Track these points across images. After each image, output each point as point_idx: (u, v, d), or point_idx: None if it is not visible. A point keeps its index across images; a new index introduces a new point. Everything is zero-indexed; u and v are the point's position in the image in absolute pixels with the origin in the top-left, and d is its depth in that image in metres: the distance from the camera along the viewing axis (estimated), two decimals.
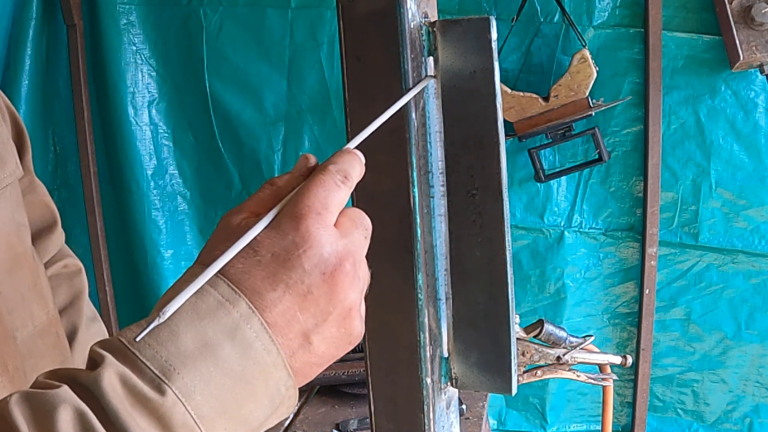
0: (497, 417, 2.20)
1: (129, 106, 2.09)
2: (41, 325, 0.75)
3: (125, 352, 0.44)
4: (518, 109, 1.83)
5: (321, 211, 0.48)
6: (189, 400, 0.44)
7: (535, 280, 2.06)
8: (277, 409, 0.48)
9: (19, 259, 0.73)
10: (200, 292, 0.46)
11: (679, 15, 1.83)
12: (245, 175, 2.15)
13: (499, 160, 0.61)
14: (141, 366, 0.44)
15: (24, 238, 0.76)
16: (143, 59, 2.08)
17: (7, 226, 0.71)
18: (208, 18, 2.03)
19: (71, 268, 0.95)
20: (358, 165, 0.52)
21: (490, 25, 0.59)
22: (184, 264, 2.22)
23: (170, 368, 0.44)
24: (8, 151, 0.77)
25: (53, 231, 0.92)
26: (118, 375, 0.43)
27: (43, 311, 0.77)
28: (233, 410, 0.46)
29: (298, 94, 2.06)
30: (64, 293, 0.92)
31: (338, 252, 0.48)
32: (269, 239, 0.47)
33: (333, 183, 0.50)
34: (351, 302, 0.49)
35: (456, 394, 0.70)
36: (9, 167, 0.75)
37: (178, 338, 0.44)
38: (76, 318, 0.92)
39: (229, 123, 2.10)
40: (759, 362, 2.01)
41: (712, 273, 1.98)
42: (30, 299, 0.73)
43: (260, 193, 0.51)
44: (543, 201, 2.00)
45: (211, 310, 0.46)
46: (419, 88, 0.59)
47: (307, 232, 0.47)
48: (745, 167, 1.88)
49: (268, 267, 0.47)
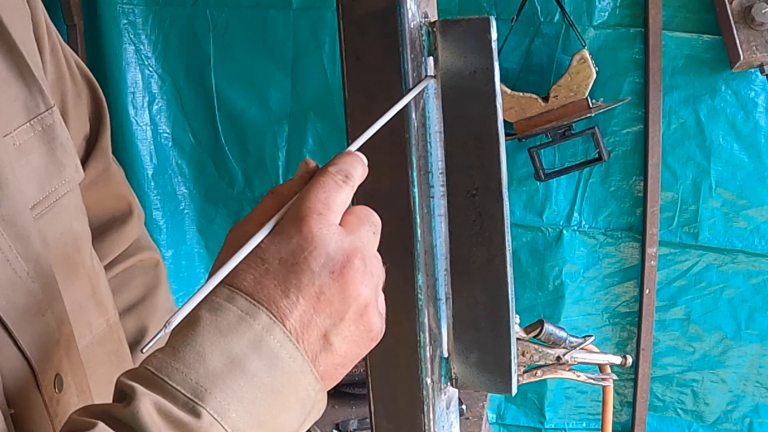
0: (496, 411, 2.21)
1: (129, 105, 2.09)
2: (100, 332, 0.72)
3: (154, 380, 0.44)
4: (518, 110, 1.83)
5: (323, 211, 0.48)
6: (225, 419, 0.44)
7: (533, 277, 2.07)
8: (309, 414, 0.48)
9: (77, 270, 0.70)
10: (219, 309, 0.46)
11: (679, 15, 1.83)
12: (249, 173, 2.16)
13: (499, 159, 0.61)
14: (172, 391, 0.43)
15: (82, 246, 0.72)
16: (143, 59, 2.09)
17: (65, 237, 0.68)
18: (215, 18, 2.04)
19: (148, 261, 0.90)
20: (360, 166, 0.52)
21: (490, 25, 0.59)
22: (184, 264, 2.22)
23: (202, 389, 0.44)
24: (67, 153, 0.68)
25: (127, 222, 0.87)
26: (153, 404, 0.43)
27: (102, 318, 0.74)
28: (268, 422, 0.45)
29: (302, 93, 2.07)
30: (136, 287, 0.88)
31: (345, 249, 0.48)
32: (274, 246, 0.47)
33: (333, 183, 0.49)
34: (365, 298, 0.49)
35: (456, 394, 0.70)
36: (68, 172, 0.68)
37: (205, 358, 0.44)
38: (146, 315, 0.88)
39: (234, 121, 2.11)
40: (759, 362, 2.01)
41: (712, 273, 1.97)
42: (88, 308, 0.70)
43: (263, 202, 0.51)
44: (542, 200, 2.00)
45: (232, 326, 0.45)
46: (419, 88, 0.59)
47: (309, 233, 0.47)
48: (745, 167, 1.88)
49: (277, 274, 0.47)
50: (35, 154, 0.64)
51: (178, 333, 0.46)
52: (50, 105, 0.66)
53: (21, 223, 0.58)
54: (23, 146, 0.62)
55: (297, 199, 0.49)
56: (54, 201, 0.66)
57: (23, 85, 0.64)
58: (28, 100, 0.64)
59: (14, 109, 0.62)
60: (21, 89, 0.64)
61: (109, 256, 0.85)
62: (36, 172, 0.64)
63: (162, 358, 0.45)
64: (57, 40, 0.75)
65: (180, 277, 2.21)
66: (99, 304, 0.73)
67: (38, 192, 0.64)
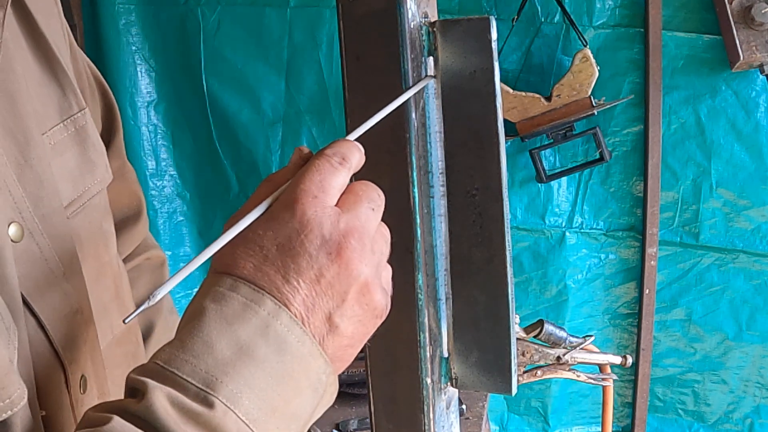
0: (499, 422, 2.19)
1: (128, 106, 2.08)
2: (120, 333, 0.73)
3: (164, 374, 0.44)
4: (520, 109, 1.83)
5: (317, 194, 0.47)
6: (238, 407, 0.43)
7: (536, 282, 2.06)
8: (321, 398, 0.48)
9: (104, 269, 0.70)
10: (223, 298, 0.46)
11: (679, 15, 1.83)
12: (243, 177, 2.13)
13: (499, 160, 0.61)
14: (183, 383, 0.43)
15: (110, 246, 0.73)
16: (142, 59, 2.07)
17: (96, 237, 0.68)
18: (206, 17, 2.01)
19: (154, 260, 0.91)
20: (357, 151, 0.51)
21: (490, 25, 0.59)
22: (182, 266, 2.19)
23: (213, 379, 0.43)
24: (99, 153, 0.69)
25: (138, 221, 0.89)
26: (166, 397, 0.43)
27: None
28: (281, 407, 0.45)
29: (297, 95, 2.04)
30: (144, 285, 0.88)
31: (341, 230, 0.47)
32: (271, 231, 0.47)
33: (329, 165, 0.49)
34: (366, 277, 0.48)
35: (456, 394, 0.70)
36: (99, 172, 0.69)
37: (214, 348, 0.44)
38: (153, 312, 0.89)
39: (227, 124, 2.09)
40: (760, 363, 2.01)
41: (713, 273, 1.97)
42: (111, 309, 0.70)
43: (258, 191, 0.51)
44: (544, 202, 2.00)
45: (238, 314, 0.45)
46: (420, 86, 0.59)
47: (303, 216, 0.47)
48: (746, 167, 1.88)
49: (276, 260, 0.47)
50: (69, 154, 0.65)
51: (184, 326, 0.46)
52: (83, 106, 0.67)
53: (58, 223, 0.58)
54: (57, 146, 0.63)
55: (291, 182, 0.49)
56: (86, 201, 0.67)
57: (57, 86, 0.65)
58: (61, 101, 0.65)
59: (49, 110, 0.63)
60: (55, 90, 0.65)
61: (121, 254, 0.86)
62: (70, 172, 0.64)
63: (170, 351, 0.45)
64: (72, 38, 0.76)
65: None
66: (121, 304, 0.74)
67: (72, 191, 0.64)
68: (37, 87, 0.62)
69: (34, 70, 0.63)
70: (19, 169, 0.55)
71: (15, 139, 0.56)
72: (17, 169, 0.55)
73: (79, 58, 0.76)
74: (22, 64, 0.60)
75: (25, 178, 0.56)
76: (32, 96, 0.60)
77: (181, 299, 2.17)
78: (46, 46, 0.64)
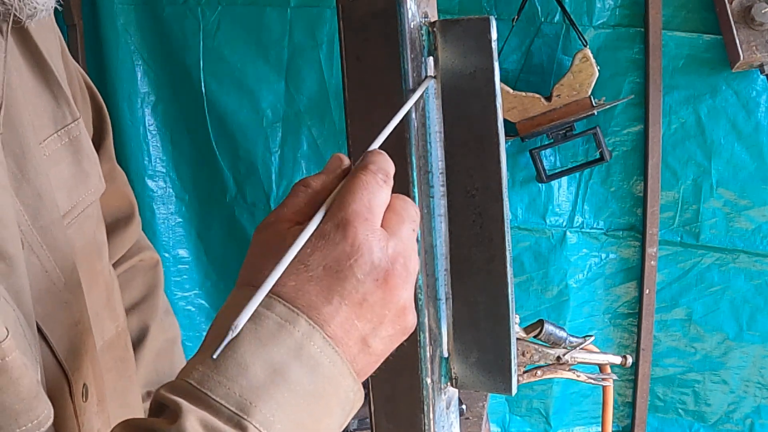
0: (500, 424, 2.18)
1: (127, 107, 2.07)
2: (110, 339, 0.73)
3: (196, 394, 0.43)
4: (521, 110, 1.83)
5: (368, 216, 0.47)
6: (271, 431, 0.43)
7: (538, 282, 2.06)
8: (348, 415, 0.48)
9: (97, 278, 0.70)
10: (258, 317, 0.45)
11: (679, 15, 1.83)
12: (240, 179, 2.11)
13: (499, 160, 0.61)
14: (216, 406, 0.43)
15: (103, 255, 0.73)
16: (141, 59, 2.06)
17: (90, 246, 0.68)
18: (206, 17, 2.00)
19: (148, 262, 0.91)
20: (392, 165, 0.51)
21: (490, 25, 0.59)
22: (180, 268, 2.20)
23: (246, 403, 0.43)
24: (92, 163, 0.69)
25: (130, 223, 0.88)
26: (198, 421, 0.42)
27: (113, 325, 0.74)
28: (311, 428, 0.45)
29: (296, 95, 2.03)
30: (138, 287, 0.88)
31: (389, 256, 0.47)
32: (319, 251, 0.46)
33: (376, 184, 0.48)
34: (405, 301, 0.48)
35: (456, 394, 0.70)
36: (92, 182, 0.68)
37: (248, 370, 0.44)
38: (148, 314, 0.88)
39: (225, 125, 2.07)
40: (760, 363, 2.01)
41: (714, 273, 1.97)
42: (103, 316, 0.70)
43: (295, 198, 0.50)
44: (544, 202, 2.00)
45: (272, 334, 0.45)
46: (424, 87, 0.59)
47: (355, 239, 0.46)
48: (746, 167, 1.88)
49: (321, 281, 0.46)
50: (63, 164, 0.64)
51: (214, 340, 0.45)
52: (76, 116, 0.67)
53: (56, 234, 0.58)
54: (52, 156, 0.63)
55: (340, 199, 0.48)
56: (81, 211, 0.66)
57: (51, 96, 0.64)
58: (55, 111, 0.64)
59: (43, 120, 0.63)
60: (49, 101, 0.64)
61: (114, 257, 0.86)
62: (65, 182, 0.64)
63: (203, 371, 0.44)
64: (63, 42, 0.75)
65: (175, 282, 2.18)
66: (111, 310, 0.74)
67: (67, 202, 0.64)
68: (32, 97, 0.62)
69: (28, 80, 0.62)
70: (17, 183, 0.55)
71: (12, 152, 0.55)
72: (14, 183, 0.55)
73: (70, 63, 0.76)
74: (16, 74, 0.59)
75: (23, 191, 0.55)
76: (27, 107, 0.59)
77: (178, 301, 2.17)
78: (39, 56, 0.63)
